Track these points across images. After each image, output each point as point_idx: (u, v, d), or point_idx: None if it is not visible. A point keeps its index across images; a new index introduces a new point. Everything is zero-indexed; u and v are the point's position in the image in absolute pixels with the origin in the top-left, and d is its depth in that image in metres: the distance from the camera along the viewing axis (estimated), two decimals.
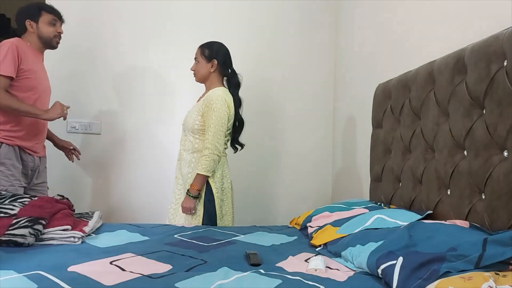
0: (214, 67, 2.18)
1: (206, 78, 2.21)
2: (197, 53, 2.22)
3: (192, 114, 2.18)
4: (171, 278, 1.12)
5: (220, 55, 2.20)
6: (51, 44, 2.17)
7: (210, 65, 2.18)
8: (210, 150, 2.05)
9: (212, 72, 2.19)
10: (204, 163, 2.05)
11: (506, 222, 1.22)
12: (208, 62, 2.19)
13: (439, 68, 1.62)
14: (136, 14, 2.83)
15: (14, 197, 1.65)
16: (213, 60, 2.18)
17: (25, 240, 1.41)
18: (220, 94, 2.11)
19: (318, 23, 3.12)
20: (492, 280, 0.84)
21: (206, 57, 2.19)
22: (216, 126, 2.06)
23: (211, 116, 2.07)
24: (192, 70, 2.24)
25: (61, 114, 2.10)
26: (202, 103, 2.14)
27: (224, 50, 2.23)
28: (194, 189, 2.06)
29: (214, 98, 2.09)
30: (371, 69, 2.52)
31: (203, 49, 2.21)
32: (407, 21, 2.13)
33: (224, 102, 2.10)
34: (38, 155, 2.19)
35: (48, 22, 2.14)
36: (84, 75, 2.76)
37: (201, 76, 2.22)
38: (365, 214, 1.63)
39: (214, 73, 2.20)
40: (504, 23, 1.41)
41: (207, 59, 2.19)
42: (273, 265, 1.30)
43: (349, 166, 2.81)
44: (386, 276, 1.09)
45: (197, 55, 2.21)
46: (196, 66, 2.22)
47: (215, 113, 2.07)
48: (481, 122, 1.36)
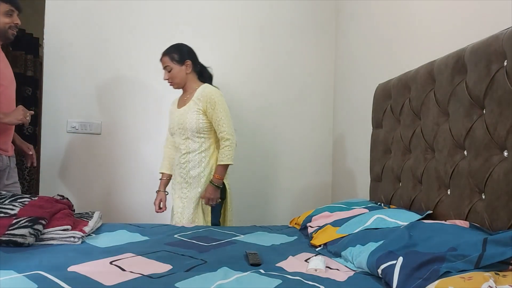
0: (189, 67, 2.19)
1: (185, 80, 2.21)
2: (165, 61, 2.18)
3: (190, 115, 2.14)
4: (171, 278, 1.12)
5: (189, 54, 2.20)
6: (6, 35, 2.01)
7: (185, 67, 2.18)
8: (230, 140, 2.12)
9: (188, 73, 2.20)
10: (228, 153, 2.12)
11: (506, 222, 1.22)
12: (181, 65, 2.18)
13: (439, 68, 1.62)
14: (136, 14, 2.83)
15: (14, 197, 1.65)
16: (185, 61, 2.18)
17: (25, 240, 1.41)
18: (215, 89, 2.16)
19: (318, 23, 3.12)
20: (492, 280, 0.84)
21: (178, 61, 2.17)
22: (227, 117, 2.12)
23: (219, 110, 2.11)
24: (166, 79, 2.20)
25: (22, 119, 1.97)
26: (198, 102, 2.13)
27: (188, 47, 2.23)
28: (219, 180, 2.13)
29: (212, 94, 2.12)
30: (371, 69, 2.52)
31: (171, 55, 2.18)
32: (407, 21, 2.13)
33: (221, 95, 2.16)
34: (6, 154, 2.06)
35: (4, 13, 1.97)
36: (84, 75, 2.76)
37: (180, 81, 2.20)
38: (365, 214, 1.63)
39: (191, 72, 2.21)
40: (504, 23, 1.41)
41: (179, 62, 2.17)
42: (273, 265, 1.30)
43: (349, 166, 2.82)
44: (386, 276, 1.09)
45: (167, 63, 2.18)
46: (170, 74, 2.18)
47: (221, 106, 2.12)
48: (481, 122, 1.36)
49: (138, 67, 2.83)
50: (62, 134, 2.73)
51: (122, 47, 2.81)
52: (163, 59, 2.20)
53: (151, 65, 2.84)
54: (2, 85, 1.99)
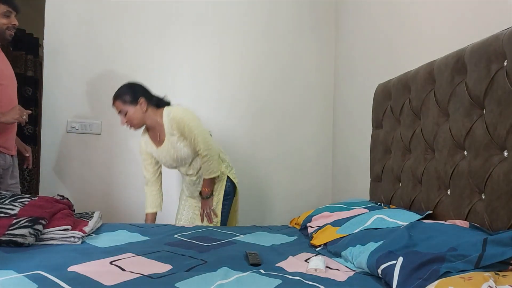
0: (144, 105, 2.09)
1: (143, 119, 2.12)
2: (118, 106, 2.10)
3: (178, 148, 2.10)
4: (171, 278, 1.12)
5: (141, 91, 2.12)
6: (4, 36, 2.02)
7: (139, 106, 2.09)
8: (208, 154, 2.08)
9: (145, 111, 2.10)
10: (208, 167, 2.10)
11: (506, 222, 1.22)
12: (135, 104, 2.08)
13: (439, 68, 1.62)
14: (136, 14, 2.83)
15: (14, 197, 1.65)
16: (139, 99, 2.09)
17: (25, 240, 1.41)
18: (177, 109, 2.07)
19: (318, 23, 3.12)
20: (492, 280, 0.84)
21: (131, 102, 2.08)
22: (199, 133, 2.05)
23: (189, 130, 2.04)
24: (125, 123, 2.11)
25: (18, 118, 1.98)
26: (173, 131, 2.07)
27: (137, 84, 2.16)
28: (207, 191, 2.17)
29: (178, 117, 2.05)
30: (371, 69, 2.52)
31: (122, 98, 2.09)
32: (407, 21, 2.13)
33: (187, 111, 2.08)
34: (10, 153, 2.08)
35: (1, 14, 1.98)
36: (84, 75, 2.75)
37: (138, 122, 2.11)
38: (365, 214, 1.63)
39: (148, 109, 2.11)
40: (504, 23, 1.41)
41: (132, 103, 2.08)
42: (273, 265, 1.30)
43: (349, 166, 2.82)
44: (386, 276, 1.09)
45: (120, 107, 2.09)
46: (127, 118, 2.09)
47: (190, 125, 2.04)
48: (481, 122, 1.36)
49: (138, 67, 2.83)
50: (62, 134, 2.73)
51: (122, 47, 2.81)
52: (115, 104, 2.11)
53: (151, 65, 2.84)
54: (1, 84, 2.00)
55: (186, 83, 2.90)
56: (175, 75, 2.88)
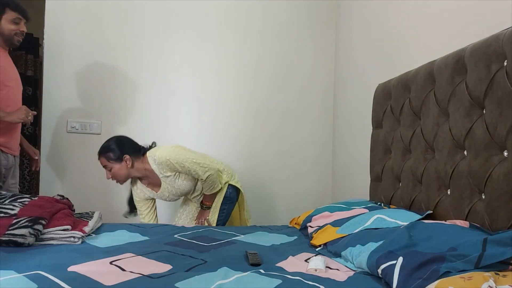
0: (129, 161, 2.10)
1: (129, 175, 2.14)
2: (103, 162, 2.11)
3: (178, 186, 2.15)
4: (171, 278, 1.12)
5: (126, 149, 2.11)
6: (12, 42, 2.09)
7: (125, 163, 2.09)
8: (208, 176, 2.11)
9: (130, 167, 2.11)
10: (207, 186, 2.16)
11: (506, 222, 1.22)
12: (120, 161, 2.09)
13: (439, 68, 1.62)
14: (136, 14, 2.83)
15: (14, 197, 1.65)
16: (123, 156, 2.09)
17: (25, 240, 1.41)
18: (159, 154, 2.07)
19: (319, 23, 3.12)
20: (492, 280, 0.84)
21: (116, 159, 2.09)
22: (191, 163, 2.06)
23: (181, 165, 2.06)
24: (110, 178, 2.13)
25: (23, 119, 2.01)
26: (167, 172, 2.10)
27: (123, 139, 2.15)
28: (208, 204, 2.24)
29: (164, 160, 2.05)
30: (371, 69, 2.52)
31: (107, 155, 2.09)
32: (407, 21, 2.13)
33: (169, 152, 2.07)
34: (13, 154, 2.12)
35: (11, 20, 2.05)
36: (84, 75, 2.75)
37: (124, 178, 2.13)
38: (365, 214, 1.63)
39: (133, 164, 2.12)
40: (504, 23, 1.41)
41: (117, 160, 2.09)
42: (273, 265, 1.30)
43: (349, 166, 2.81)
44: (386, 276, 1.09)
45: (105, 163, 2.10)
46: (112, 173, 2.11)
47: (178, 160, 2.05)
48: (481, 122, 1.36)
49: (138, 67, 2.83)
50: (62, 134, 2.73)
51: (122, 47, 2.81)
52: (100, 160, 2.12)
53: (151, 65, 2.84)
54: (8, 86, 2.06)
55: (186, 82, 2.90)
56: (175, 75, 2.88)
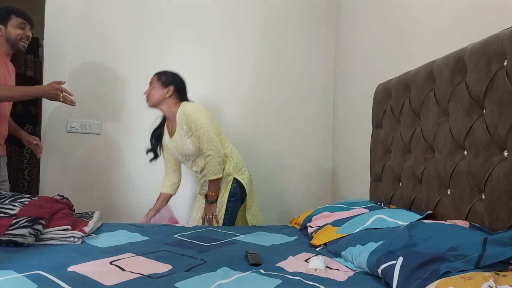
0: (170, 92, 2.20)
1: (160, 103, 2.22)
2: (153, 79, 2.23)
3: (184, 143, 2.18)
4: (171, 278, 1.12)
5: (176, 83, 2.22)
6: (17, 47, 2.14)
7: (166, 90, 2.19)
8: (211, 154, 2.12)
9: (167, 97, 2.20)
10: (212, 168, 2.13)
11: (506, 222, 1.22)
12: (164, 87, 2.20)
13: (439, 68, 1.62)
14: (136, 14, 2.83)
15: (14, 197, 1.65)
16: (169, 86, 2.20)
17: (25, 240, 1.41)
18: (189, 105, 2.16)
19: (318, 23, 3.12)
20: (492, 280, 0.84)
21: (163, 83, 2.20)
22: (206, 133, 2.11)
23: (197, 129, 2.11)
24: (145, 94, 2.24)
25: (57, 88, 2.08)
26: (183, 126, 2.14)
27: (180, 78, 2.26)
28: (212, 195, 2.18)
29: (189, 114, 2.12)
30: (371, 69, 2.52)
31: (159, 76, 2.22)
32: (407, 21, 2.13)
33: (197, 109, 2.14)
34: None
35: (17, 25, 2.11)
36: (84, 75, 2.76)
37: (154, 101, 2.21)
38: (365, 214, 1.63)
39: (170, 98, 2.21)
40: (504, 23, 1.41)
41: (163, 84, 2.20)
42: (273, 265, 1.30)
43: (349, 166, 2.81)
44: (386, 276, 1.09)
45: (153, 81, 2.22)
46: (150, 91, 2.22)
47: (199, 124, 2.11)
48: (481, 122, 1.36)
49: (138, 67, 2.83)
50: (62, 134, 2.73)
51: (122, 47, 2.81)
52: (153, 77, 2.24)
53: (151, 65, 2.84)
54: None
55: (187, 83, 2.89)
56: None
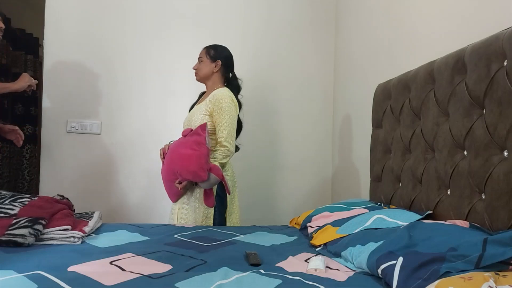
0: (217, 67, 2.22)
1: (208, 77, 2.24)
2: (202, 53, 2.26)
3: (198, 114, 2.16)
4: (171, 278, 1.12)
5: (224, 57, 2.24)
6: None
7: (214, 65, 2.22)
8: (226, 148, 2.09)
9: (215, 72, 2.23)
10: (219, 156, 2.09)
11: (506, 222, 1.22)
12: (212, 62, 2.22)
13: (439, 68, 1.62)
14: (136, 14, 2.83)
15: (14, 197, 1.65)
16: (217, 60, 2.22)
17: (25, 240, 1.41)
18: (228, 93, 2.14)
19: (318, 23, 3.12)
20: (492, 280, 0.84)
21: (211, 57, 2.22)
22: (230, 125, 2.09)
23: (223, 115, 2.08)
24: (194, 69, 2.27)
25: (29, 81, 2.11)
26: (208, 103, 2.14)
27: (228, 53, 2.28)
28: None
29: (223, 98, 2.10)
30: (371, 69, 2.52)
31: (208, 50, 2.25)
32: (407, 21, 2.13)
33: (233, 102, 2.15)
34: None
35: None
36: (84, 75, 2.76)
37: (203, 75, 2.25)
38: (365, 214, 1.63)
39: (217, 73, 2.24)
40: (504, 23, 1.41)
41: (211, 59, 2.22)
42: (273, 265, 1.30)
43: (349, 166, 2.81)
44: (386, 276, 1.09)
45: (202, 55, 2.25)
46: (199, 65, 2.25)
47: (227, 112, 2.09)
48: (481, 122, 1.36)
49: (138, 67, 2.83)
50: (62, 134, 2.73)
51: (122, 47, 2.81)
52: (202, 51, 2.27)
53: (151, 65, 2.84)
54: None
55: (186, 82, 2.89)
56: (175, 75, 2.88)
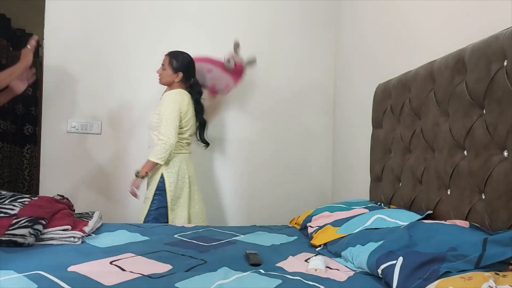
0: (179, 78, 2.32)
1: (169, 85, 2.34)
2: (165, 61, 2.33)
3: (154, 114, 2.29)
4: (171, 278, 1.12)
5: (185, 68, 2.33)
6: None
7: (176, 75, 2.31)
8: (163, 141, 2.17)
9: (176, 82, 2.32)
10: (156, 150, 2.18)
11: (506, 222, 1.22)
12: (174, 72, 2.31)
13: (439, 68, 1.62)
14: (136, 14, 2.83)
15: (14, 197, 1.65)
16: (178, 72, 2.31)
17: (25, 240, 1.41)
18: (173, 94, 2.26)
19: (319, 22, 3.11)
20: (492, 280, 0.84)
21: (174, 68, 2.30)
22: (168, 120, 2.18)
23: (164, 111, 2.20)
24: (157, 73, 2.36)
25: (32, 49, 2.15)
26: (159, 104, 2.28)
27: (189, 63, 2.36)
28: (143, 171, 2.21)
29: (166, 97, 2.25)
30: (371, 69, 2.52)
31: (171, 59, 2.32)
32: (407, 21, 2.13)
33: (175, 100, 2.23)
34: None
35: None
36: (84, 75, 2.75)
37: (165, 82, 2.36)
38: (365, 214, 1.63)
39: (178, 83, 2.33)
40: (504, 23, 1.41)
41: (174, 70, 2.31)
42: (273, 265, 1.30)
43: (349, 166, 2.81)
44: (386, 276, 1.09)
45: (165, 63, 2.33)
46: (162, 72, 2.34)
47: (167, 108, 2.20)
48: (481, 122, 1.36)
49: (138, 67, 2.83)
50: (62, 134, 2.72)
51: (122, 47, 2.81)
52: (165, 57, 2.35)
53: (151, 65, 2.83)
54: None
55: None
56: None
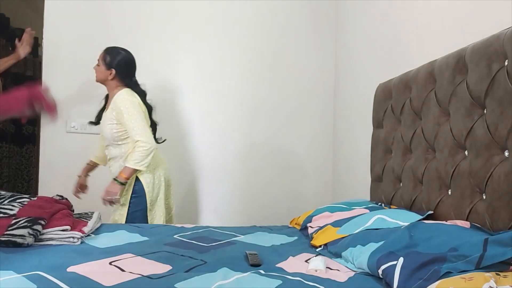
0: (112, 75, 2.17)
1: (104, 83, 2.22)
2: (100, 56, 2.20)
3: (106, 124, 2.15)
4: (170, 278, 1.12)
5: (118, 66, 2.17)
6: None
7: (109, 73, 2.17)
8: (143, 146, 2.05)
9: (110, 79, 2.18)
10: (137, 157, 2.05)
11: (507, 222, 1.21)
12: (107, 69, 2.17)
13: (439, 67, 1.62)
14: (136, 14, 2.82)
15: (13, 197, 1.65)
16: (111, 69, 2.16)
17: (24, 241, 1.40)
18: (125, 95, 2.12)
19: (319, 22, 3.11)
20: (493, 281, 0.84)
21: (106, 64, 2.17)
22: (136, 122, 2.07)
23: (126, 118, 2.07)
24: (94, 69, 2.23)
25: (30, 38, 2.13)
26: (112, 111, 2.13)
27: (125, 61, 2.20)
28: (122, 177, 2.08)
29: (120, 101, 2.10)
30: (371, 68, 2.51)
31: (105, 55, 2.19)
32: (407, 21, 2.13)
33: (133, 101, 2.11)
34: None
35: None
36: (83, 75, 2.75)
37: (99, 80, 2.23)
38: (366, 214, 1.62)
39: (113, 80, 2.19)
40: (504, 23, 1.41)
41: (106, 66, 2.17)
42: (273, 266, 1.29)
43: (349, 166, 2.81)
44: (386, 276, 1.09)
45: (99, 59, 2.20)
46: (97, 68, 2.21)
47: (128, 114, 2.07)
48: (482, 122, 1.36)
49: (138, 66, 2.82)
50: (62, 134, 2.72)
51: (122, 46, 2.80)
52: (100, 53, 2.21)
53: (150, 65, 2.84)
54: None
55: (186, 82, 2.89)
56: (175, 75, 2.88)
